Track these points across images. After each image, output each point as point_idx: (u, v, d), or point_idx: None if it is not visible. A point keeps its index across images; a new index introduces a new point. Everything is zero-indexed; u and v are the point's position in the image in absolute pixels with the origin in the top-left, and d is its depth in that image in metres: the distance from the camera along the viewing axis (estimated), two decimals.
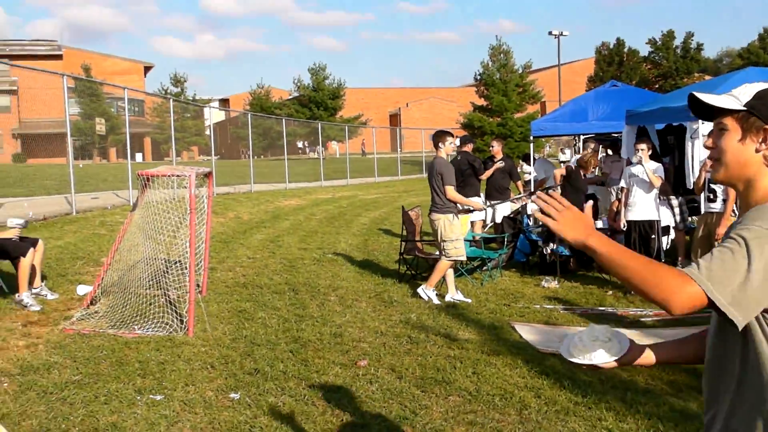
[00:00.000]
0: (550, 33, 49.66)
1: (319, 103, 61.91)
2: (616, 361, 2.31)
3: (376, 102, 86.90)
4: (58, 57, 69.62)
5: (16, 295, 8.37)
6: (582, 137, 18.52)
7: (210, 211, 9.47)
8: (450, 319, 8.18)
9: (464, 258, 9.49)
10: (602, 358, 2.30)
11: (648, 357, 2.39)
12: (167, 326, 7.49)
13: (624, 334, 2.37)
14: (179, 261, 9.07)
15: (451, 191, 9.07)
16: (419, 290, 9.23)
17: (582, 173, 11.66)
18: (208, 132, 51.89)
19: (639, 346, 2.39)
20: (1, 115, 63.66)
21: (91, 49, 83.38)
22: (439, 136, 9.33)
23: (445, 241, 9.11)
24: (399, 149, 50.52)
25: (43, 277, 9.12)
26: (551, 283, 10.08)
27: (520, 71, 50.49)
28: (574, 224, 2.02)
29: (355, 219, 18.87)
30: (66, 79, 17.58)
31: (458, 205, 9.40)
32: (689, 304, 1.86)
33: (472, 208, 10.25)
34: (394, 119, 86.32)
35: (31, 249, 8.52)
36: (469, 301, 9.12)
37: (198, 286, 8.73)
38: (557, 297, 9.41)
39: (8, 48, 70.43)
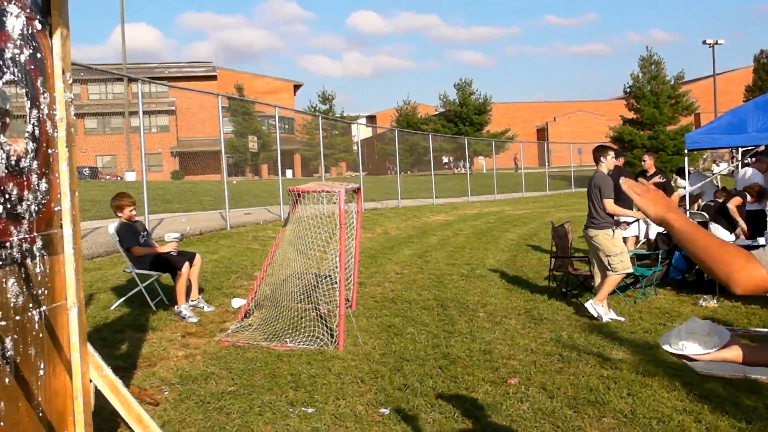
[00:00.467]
0: (704, 42, 47.83)
1: (464, 118, 61.92)
2: (706, 354, 2.30)
3: (523, 116, 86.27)
4: (213, 78, 72.48)
5: (175, 307, 8.69)
6: (741, 150, 17.75)
7: (359, 226, 9.57)
8: (602, 338, 7.95)
9: (631, 270, 9.18)
10: (694, 349, 2.30)
11: (738, 356, 2.32)
12: (318, 340, 7.59)
13: (726, 331, 2.33)
14: (329, 275, 9.20)
15: (609, 204, 8.83)
16: (587, 305, 8.96)
17: (746, 200, 11.21)
18: (355, 148, 52.75)
19: (737, 344, 2.33)
20: (161, 134, 66.75)
21: (244, 69, 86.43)
22: (599, 151, 9.13)
23: (609, 255, 8.85)
24: (547, 164, 49.90)
25: (200, 290, 9.43)
26: (710, 302, 9.64)
27: (672, 82, 48.97)
28: (656, 200, 2.16)
29: (503, 235, 18.68)
30: (221, 99, 18.27)
31: (617, 218, 9.14)
32: (751, 283, 1.92)
33: (634, 219, 9.95)
34: (541, 134, 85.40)
35: (187, 263, 8.82)
36: (623, 319, 8.83)
37: (348, 300, 8.82)
38: (716, 317, 8.98)
39: (167, 70, 73.91)
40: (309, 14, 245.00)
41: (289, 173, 58.24)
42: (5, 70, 3.76)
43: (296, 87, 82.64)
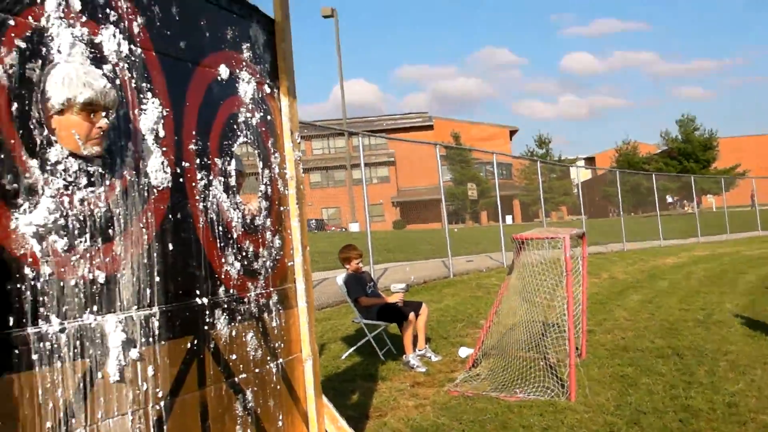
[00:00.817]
0: None
1: (689, 155, 59.61)
2: None
3: (755, 150, 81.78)
4: (429, 128, 73.93)
5: (404, 356, 8.75)
6: None
7: (585, 272, 9.29)
8: None
9: None
10: None
11: None
12: (548, 390, 7.37)
13: None
14: (556, 323, 8.97)
15: None
16: None
17: None
18: (575, 191, 51.86)
19: None
20: (382, 185, 68.65)
21: (459, 118, 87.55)
22: None
23: None
24: None
25: (427, 339, 9.45)
26: None
27: None
28: None
29: (740, 277, 17.57)
30: (438, 148, 18.55)
31: None
32: None
33: None
34: None
35: (413, 312, 8.88)
36: None
37: (577, 349, 8.54)
38: None
39: (385, 123, 76.21)
40: (521, 59, 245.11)
41: (508, 219, 58.09)
42: (239, 133, 3.93)
43: (512, 132, 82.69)
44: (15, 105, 2.64)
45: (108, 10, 3.07)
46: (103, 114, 2.85)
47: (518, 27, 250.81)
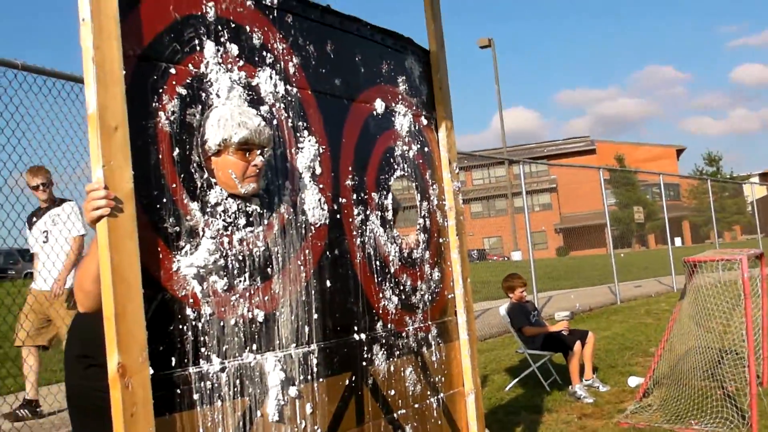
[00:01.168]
0: None
1: None
2: None
3: None
4: (592, 152, 72.55)
5: (570, 387, 8.52)
6: None
7: (765, 294, 8.79)
8: None
9: None
10: None
11: None
12: (727, 422, 6.97)
13: None
14: (733, 350, 8.51)
15: None
16: None
17: None
18: (749, 209, 49.50)
19: None
20: (544, 212, 67.82)
21: (622, 140, 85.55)
22: None
23: None
24: None
25: (595, 369, 9.17)
26: None
27: None
28: None
29: None
30: (602, 172, 18.15)
31: None
32: None
33: None
34: None
35: (578, 341, 8.65)
36: None
37: (758, 377, 8.07)
38: None
39: (546, 149, 75.47)
40: (686, 75, 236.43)
41: (677, 241, 55.99)
42: (395, 166, 3.93)
43: (679, 152, 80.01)
44: (176, 150, 2.72)
45: (264, 53, 3.14)
46: (258, 152, 2.90)
47: (681, 43, 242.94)
